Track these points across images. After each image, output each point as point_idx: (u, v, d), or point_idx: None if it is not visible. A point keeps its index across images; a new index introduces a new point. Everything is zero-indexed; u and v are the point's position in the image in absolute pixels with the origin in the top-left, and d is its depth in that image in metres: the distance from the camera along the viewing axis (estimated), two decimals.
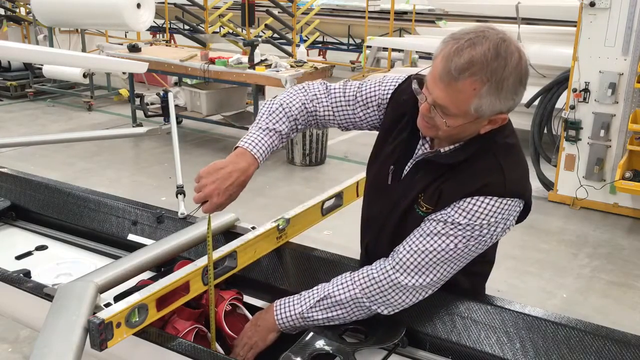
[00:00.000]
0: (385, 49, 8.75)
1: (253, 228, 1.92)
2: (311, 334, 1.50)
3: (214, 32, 8.85)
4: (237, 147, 1.57)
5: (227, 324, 1.64)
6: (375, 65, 9.07)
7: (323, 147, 5.93)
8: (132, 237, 2.12)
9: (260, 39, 6.56)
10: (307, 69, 5.96)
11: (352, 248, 4.25)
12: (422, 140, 1.53)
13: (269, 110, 1.61)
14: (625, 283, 3.84)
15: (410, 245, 1.45)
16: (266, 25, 7.76)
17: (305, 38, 9.14)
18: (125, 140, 6.60)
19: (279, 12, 8.05)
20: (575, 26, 4.86)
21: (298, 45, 7.66)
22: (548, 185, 5.20)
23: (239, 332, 1.66)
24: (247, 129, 6.76)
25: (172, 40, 10.55)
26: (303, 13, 8.55)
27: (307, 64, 6.25)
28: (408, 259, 1.44)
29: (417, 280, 1.45)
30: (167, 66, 6.34)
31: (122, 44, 8.61)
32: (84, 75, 7.59)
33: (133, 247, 1.97)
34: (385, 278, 1.46)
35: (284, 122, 1.59)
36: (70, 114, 7.85)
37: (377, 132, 1.68)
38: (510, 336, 1.47)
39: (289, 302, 1.56)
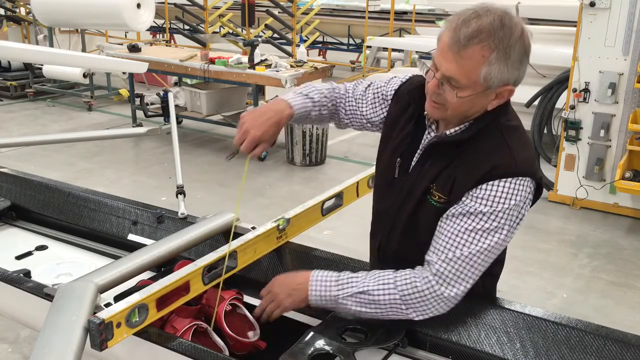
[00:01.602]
0: (385, 49, 8.75)
1: (253, 228, 1.92)
2: (311, 333, 1.50)
3: (214, 32, 8.85)
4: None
5: (227, 323, 1.64)
6: (375, 65, 9.07)
7: (323, 147, 5.93)
8: (132, 237, 2.12)
9: (260, 39, 6.57)
10: (307, 69, 5.96)
11: (352, 248, 4.24)
12: (428, 129, 1.56)
13: (300, 88, 1.72)
14: (625, 283, 3.84)
15: (446, 254, 1.44)
16: (266, 25, 7.76)
17: (305, 38, 9.14)
18: (125, 140, 6.60)
19: (279, 12, 8.05)
20: (575, 26, 4.86)
21: (298, 45, 7.66)
22: (548, 185, 5.20)
23: (239, 332, 1.66)
24: None
25: (172, 40, 10.55)
26: (303, 13, 8.55)
27: (307, 64, 6.25)
28: (449, 270, 1.43)
29: (458, 289, 1.45)
30: (167, 66, 6.34)
31: (122, 44, 8.61)
32: (84, 75, 7.59)
33: (133, 247, 1.97)
34: (428, 289, 1.45)
35: (315, 94, 1.70)
36: (70, 114, 7.85)
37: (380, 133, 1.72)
38: (510, 336, 1.47)
39: (326, 281, 1.54)
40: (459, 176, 1.45)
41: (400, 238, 1.60)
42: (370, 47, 8.86)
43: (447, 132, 1.49)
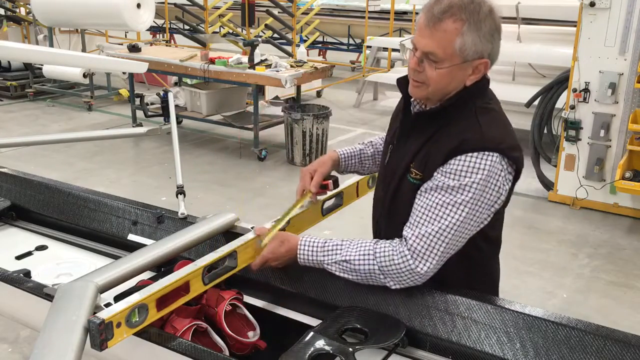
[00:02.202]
0: (385, 49, 8.74)
1: (253, 228, 1.92)
2: (311, 333, 1.50)
3: (214, 32, 8.85)
4: None
5: (227, 323, 1.64)
6: (375, 65, 9.06)
7: (323, 147, 5.93)
8: (132, 237, 2.12)
9: (260, 39, 6.57)
10: (307, 69, 5.96)
11: None
12: (412, 110, 1.66)
13: None
14: (625, 283, 3.84)
15: (419, 229, 1.52)
16: (266, 25, 7.76)
17: (305, 38, 9.14)
18: (125, 140, 6.60)
19: (279, 12, 8.05)
20: (575, 26, 4.86)
21: (298, 45, 7.67)
22: (548, 185, 5.20)
23: (239, 332, 1.66)
24: (247, 128, 6.72)
25: (172, 40, 10.56)
26: (303, 13, 8.55)
27: (307, 64, 6.25)
28: (421, 246, 1.51)
29: (430, 264, 1.52)
30: (167, 66, 6.34)
31: (122, 44, 8.61)
32: (84, 75, 7.59)
33: (133, 247, 1.97)
34: (404, 262, 1.52)
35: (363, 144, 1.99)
36: (70, 114, 7.85)
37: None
38: (510, 336, 1.47)
39: (312, 246, 1.65)
40: (432, 152, 1.54)
41: (387, 220, 1.70)
42: (370, 47, 8.86)
43: (427, 108, 1.61)
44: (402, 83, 1.65)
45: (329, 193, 1.96)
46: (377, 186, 1.83)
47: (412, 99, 1.65)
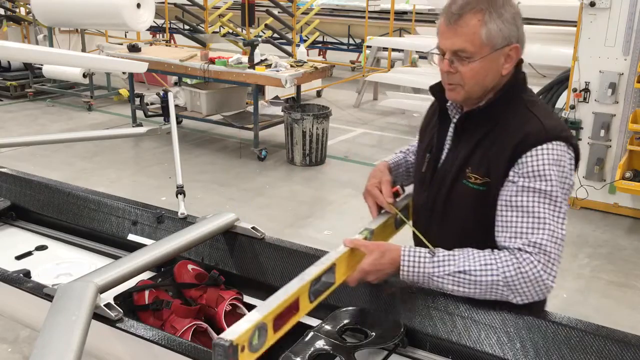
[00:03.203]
0: (385, 49, 8.73)
1: (253, 228, 1.92)
2: (311, 333, 1.50)
3: (214, 32, 8.85)
4: None
5: (227, 323, 1.64)
6: (375, 65, 9.05)
7: (323, 147, 5.93)
8: (132, 237, 2.12)
9: (260, 39, 6.56)
10: (307, 68, 5.96)
11: None
12: (452, 119, 1.62)
13: None
14: (625, 283, 3.84)
15: (530, 237, 1.44)
16: (266, 25, 7.76)
17: (305, 38, 9.14)
18: (125, 140, 6.60)
19: (279, 12, 8.05)
20: (575, 26, 4.86)
21: (298, 45, 7.66)
22: None
23: None
24: (247, 128, 6.71)
25: (172, 40, 10.55)
26: (303, 13, 8.55)
27: (307, 63, 6.25)
28: (541, 253, 1.43)
29: (554, 274, 1.46)
30: (167, 66, 6.34)
31: (122, 44, 8.61)
32: (84, 75, 7.59)
33: (133, 247, 1.97)
34: (533, 272, 1.42)
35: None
36: (70, 114, 7.85)
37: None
38: (511, 336, 1.47)
39: (418, 256, 1.50)
40: (493, 154, 1.49)
41: (439, 226, 1.63)
42: (370, 47, 8.85)
43: (473, 108, 1.55)
44: (436, 90, 1.62)
45: (403, 197, 1.79)
46: (414, 193, 1.76)
47: (448, 104, 1.62)
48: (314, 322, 1.64)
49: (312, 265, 1.43)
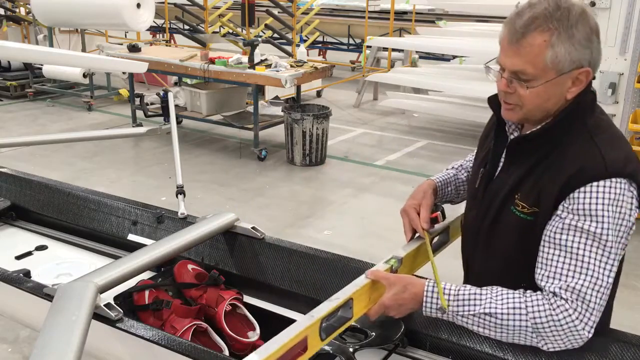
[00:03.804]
0: (385, 49, 8.73)
1: (253, 228, 1.92)
2: None
3: (214, 32, 8.85)
4: None
5: (227, 323, 1.64)
6: (375, 65, 9.05)
7: (323, 147, 5.93)
8: (132, 237, 2.12)
9: (260, 39, 6.56)
10: (307, 69, 5.96)
11: (351, 248, 4.23)
12: (510, 136, 1.49)
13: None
14: (625, 283, 3.83)
15: (569, 281, 1.30)
16: (266, 25, 7.76)
17: (305, 38, 9.14)
18: (125, 140, 6.60)
19: (279, 12, 8.05)
20: None
21: (298, 45, 7.67)
22: None
23: (239, 332, 1.66)
24: (247, 128, 6.69)
25: (172, 40, 10.55)
26: (303, 13, 8.55)
27: (307, 63, 6.25)
28: (579, 300, 1.30)
29: (592, 324, 1.32)
30: (167, 66, 6.34)
31: (122, 44, 8.61)
32: (84, 75, 7.59)
33: (133, 247, 1.97)
34: (565, 321, 1.30)
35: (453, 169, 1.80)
36: (70, 114, 7.85)
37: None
38: None
39: (443, 293, 1.41)
40: (545, 183, 1.35)
41: (483, 250, 1.53)
42: (370, 47, 8.85)
43: (528, 132, 1.42)
44: (494, 102, 1.48)
45: (441, 225, 1.70)
46: (467, 212, 1.64)
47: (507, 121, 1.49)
48: None
49: (326, 300, 1.34)
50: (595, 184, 1.29)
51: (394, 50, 8.58)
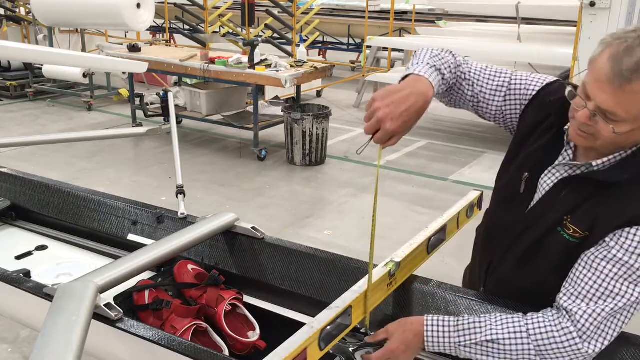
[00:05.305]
0: (385, 49, 8.74)
1: (253, 228, 1.92)
2: None
3: (214, 32, 8.85)
4: (408, 75, 1.38)
5: (227, 323, 1.64)
6: (375, 65, 9.06)
7: (323, 147, 5.93)
8: (132, 237, 2.12)
9: (260, 39, 6.56)
10: (307, 69, 5.96)
11: (351, 248, 4.23)
12: (566, 146, 1.41)
13: (431, 54, 1.45)
14: None
15: (592, 307, 1.28)
16: (266, 25, 7.77)
17: (305, 38, 9.15)
18: (125, 140, 6.60)
19: (279, 12, 8.05)
20: (575, 26, 4.86)
21: (298, 45, 7.67)
22: None
23: (239, 332, 1.66)
24: (247, 128, 6.65)
25: (172, 40, 10.55)
26: (303, 13, 8.55)
27: (307, 63, 6.25)
28: (595, 325, 1.28)
29: (600, 346, 1.30)
30: (167, 66, 6.34)
31: (122, 44, 8.61)
32: (84, 75, 7.59)
33: (133, 247, 1.97)
34: (568, 341, 1.29)
35: (445, 69, 1.44)
36: (70, 114, 7.85)
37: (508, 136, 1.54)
38: None
39: (442, 327, 1.39)
40: (602, 212, 1.29)
41: (516, 263, 1.47)
42: (370, 47, 8.85)
43: (594, 164, 1.32)
44: (558, 107, 1.38)
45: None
46: (494, 211, 1.57)
47: (566, 127, 1.38)
48: None
49: (325, 309, 1.33)
50: None
51: (394, 50, 8.58)
